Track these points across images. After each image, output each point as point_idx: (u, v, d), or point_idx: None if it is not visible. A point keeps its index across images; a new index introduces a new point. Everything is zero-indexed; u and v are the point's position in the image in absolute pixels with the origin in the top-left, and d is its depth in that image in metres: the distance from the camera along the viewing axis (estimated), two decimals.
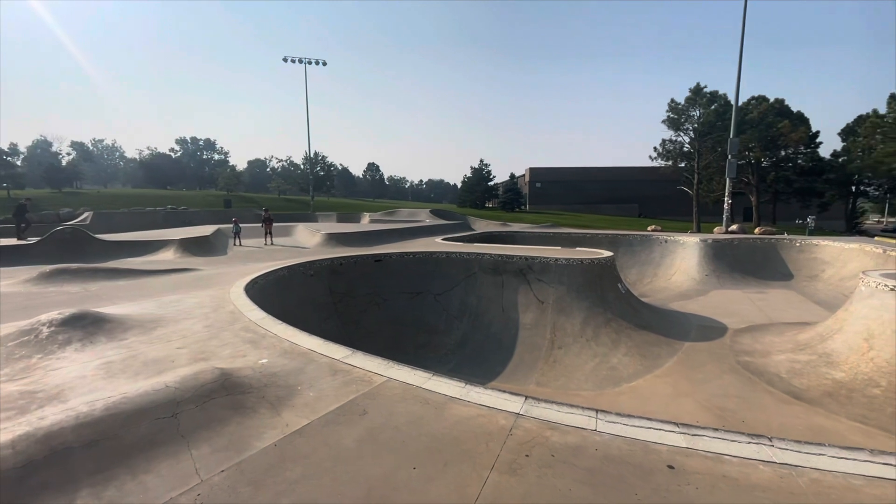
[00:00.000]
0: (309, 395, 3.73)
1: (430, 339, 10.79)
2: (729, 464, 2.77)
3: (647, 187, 58.98)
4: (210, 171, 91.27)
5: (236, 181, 72.81)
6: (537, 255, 11.31)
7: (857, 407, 6.61)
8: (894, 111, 34.67)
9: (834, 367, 7.57)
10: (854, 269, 13.36)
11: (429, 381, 4.02)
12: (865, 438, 5.86)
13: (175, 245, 17.55)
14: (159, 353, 4.70)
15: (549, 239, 20.88)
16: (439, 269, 12.31)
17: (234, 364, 4.33)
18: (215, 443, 3.00)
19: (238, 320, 6.12)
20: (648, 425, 3.24)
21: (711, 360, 8.73)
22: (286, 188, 77.59)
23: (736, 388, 7.55)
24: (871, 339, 7.49)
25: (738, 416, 6.64)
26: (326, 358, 4.60)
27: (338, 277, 11.41)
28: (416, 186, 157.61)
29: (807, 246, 16.81)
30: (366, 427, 3.21)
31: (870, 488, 2.51)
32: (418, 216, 39.17)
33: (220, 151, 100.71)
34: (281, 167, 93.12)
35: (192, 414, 3.27)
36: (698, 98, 40.20)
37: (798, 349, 8.55)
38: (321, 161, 77.03)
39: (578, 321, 10.01)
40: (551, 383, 8.71)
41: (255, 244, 19.91)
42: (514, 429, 3.18)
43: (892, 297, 7.58)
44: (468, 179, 68.67)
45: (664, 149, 43.55)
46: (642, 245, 19.05)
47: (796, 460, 2.79)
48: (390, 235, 21.72)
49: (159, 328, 5.75)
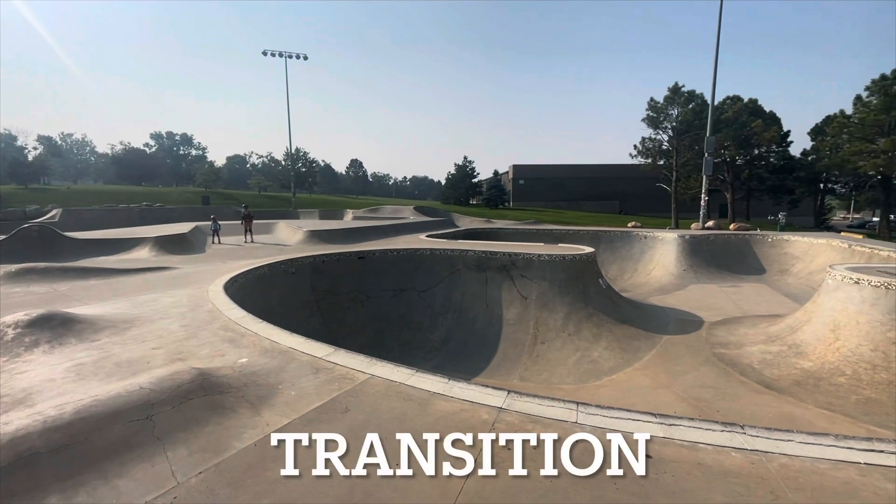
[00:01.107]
0: (290, 394, 3.68)
1: (415, 335, 10.78)
2: (703, 451, 2.86)
3: (627, 184, 60.09)
4: (187, 167, 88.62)
5: (215, 177, 70.92)
6: (520, 252, 11.41)
7: (823, 395, 6.91)
8: (859, 112, 36.17)
9: (803, 358, 7.89)
10: (822, 263, 13.94)
11: (412, 377, 4.01)
12: (831, 424, 6.13)
13: (150, 243, 17.01)
14: (133, 354, 4.56)
15: (532, 235, 21.09)
16: (423, 265, 12.28)
17: (212, 364, 4.23)
18: (193, 444, 2.93)
19: (217, 319, 5.99)
20: (628, 416, 3.32)
21: (689, 352, 8.98)
22: (267, 185, 76.06)
23: (711, 379, 7.79)
24: (837, 330, 7.83)
25: (713, 406, 6.86)
26: (308, 356, 4.54)
27: (320, 275, 11.27)
28: (400, 183, 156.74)
29: (778, 241, 17.45)
30: (348, 424, 3.18)
31: (834, 471, 2.63)
32: (402, 213, 39.02)
33: (198, 147, 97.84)
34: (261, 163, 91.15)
35: (169, 415, 3.19)
36: (676, 97, 41.11)
37: (769, 340, 8.88)
38: (303, 157, 75.74)
39: (561, 316, 10.15)
40: (534, 378, 8.81)
41: (234, 242, 19.48)
42: (497, 423, 3.21)
43: (856, 290, 7.94)
44: (452, 176, 68.64)
45: (644, 147, 44.43)
46: (623, 241, 19.43)
47: (766, 447, 2.90)
48: (374, 232, 21.57)
49: (133, 328, 5.58)
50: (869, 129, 35.08)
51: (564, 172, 65.19)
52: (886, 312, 7.30)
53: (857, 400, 6.66)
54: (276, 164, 78.62)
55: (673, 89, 41.21)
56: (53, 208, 36.19)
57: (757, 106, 43.55)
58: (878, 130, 34.69)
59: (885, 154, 33.69)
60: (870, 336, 7.32)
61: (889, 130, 34.14)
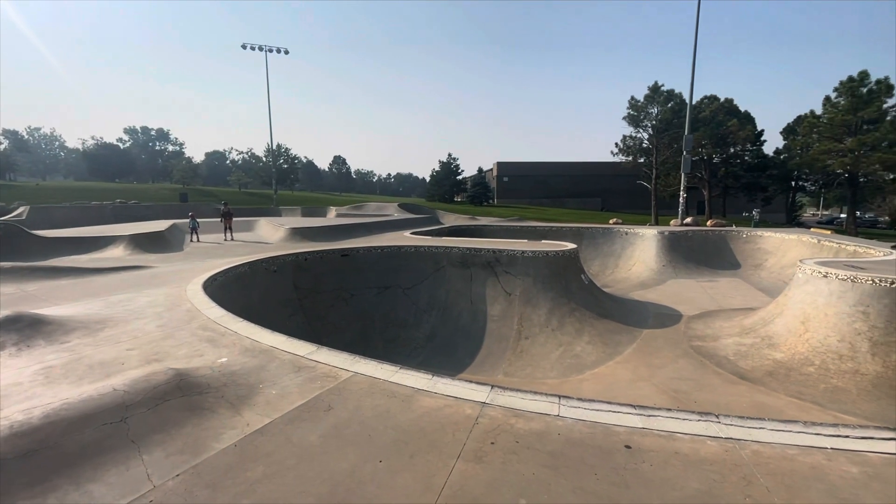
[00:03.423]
0: (271, 393, 3.62)
1: (399, 333, 10.75)
2: (680, 441, 2.94)
3: (609, 182, 61.05)
4: (164, 164, 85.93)
5: (193, 174, 68.98)
6: (505, 248, 11.48)
7: (794, 384, 7.18)
8: (828, 112, 37.58)
9: (775, 349, 8.18)
10: (793, 258, 14.46)
11: (396, 374, 4.00)
12: (800, 412, 6.38)
13: (125, 241, 16.47)
14: (107, 356, 4.41)
15: (516, 232, 21.23)
16: (408, 263, 12.24)
17: (190, 364, 4.13)
18: (170, 446, 2.85)
19: (195, 319, 5.84)
20: (608, 408, 3.38)
21: (667, 345, 9.21)
22: (247, 181, 74.41)
23: (689, 371, 8.01)
24: (807, 322, 8.15)
25: (690, 397, 7.05)
26: (290, 355, 4.48)
27: (303, 273, 11.11)
28: (385, 180, 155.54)
29: (752, 237, 18.02)
30: (331, 423, 3.15)
31: (803, 456, 2.74)
32: (386, 210, 38.77)
33: (175, 142, 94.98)
34: (241, 159, 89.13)
35: (144, 417, 3.10)
36: (656, 96, 41.92)
37: (744, 333, 9.18)
38: (284, 153, 74.38)
39: (544, 311, 10.26)
40: (518, 373, 8.90)
41: (214, 240, 19.02)
42: (481, 417, 3.23)
43: (824, 283, 8.27)
44: (437, 174, 68.53)
45: (625, 145, 45.19)
46: (604, 237, 19.76)
47: (740, 434, 3.00)
48: (357, 230, 21.37)
49: (107, 329, 5.39)
50: (837, 128, 36.49)
51: (548, 170, 65.82)
52: (852, 305, 7.63)
53: (825, 388, 6.94)
54: (256, 160, 77.05)
55: (653, 88, 42.00)
56: (20, 206, 34.62)
57: (732, 106, 44.79)
58: (846, 130, 36.12)
59: (851, 153, 35.13)
60: (837, 327, 7.63)
61: (856, 130, 35.59)
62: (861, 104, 34.69)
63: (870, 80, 34.82)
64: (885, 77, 34.14)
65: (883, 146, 33.63)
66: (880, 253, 11.76)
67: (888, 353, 6.94)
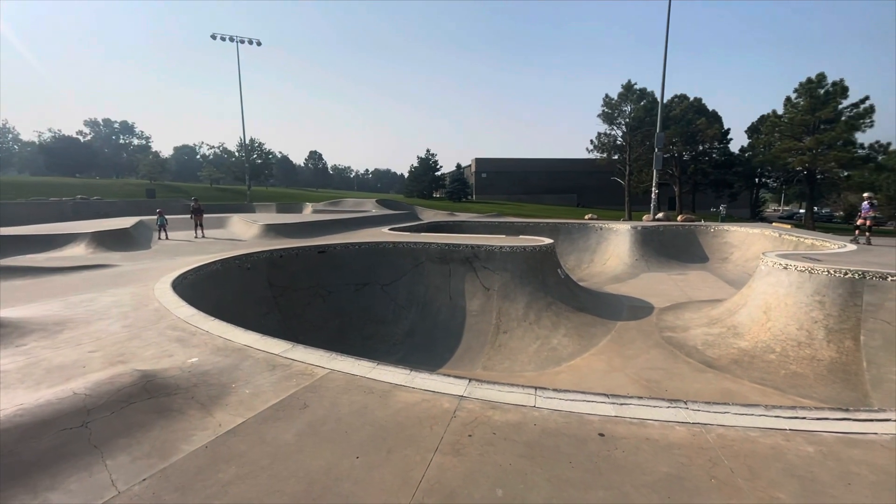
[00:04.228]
0: (244, 393, 3.53)
1: (378, 329, 10.67)
2: (651, 427, 3.04)
3: (584, 178, 62.19)
4: (129, 158, 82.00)
5: (161, 169, 66.12)
6: (483, 244, 11.55)
7: (757, 371, 7.55)
8: (789, 112, 39.43)
9: (739, 338, 8.56)
10: (756, 251, 15.15)
11: (373, 370, 3.97)
12: (763, 397, 6.72)
13: (87, 239, 15.66)
14: (67, 359, 4.20)
15: (494, 228, 21.38)
16: (386, 259, 12.15)
17: (158, 365, 3.98)
18: (136, 450, 2.74)
19: (164, 318, 5.63)
20: (582, 398, 3.46)
21: (640, 336, 9.50)
22: (219, 177, 71.95)
23: (660, 361, 8.29)
24: (769, 312, 8.56)
25: (662, 386, 7.31)
26: (264, 353, 4.38)
27: (278, 270, 10.86)
28: (362, 176, 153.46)
29: (719, 232, 18.76)
30: (307, 421, 3.10)
31: (763, 438, 2.89)
32: (364, 206, 38.30)
33: (141, 136, 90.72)
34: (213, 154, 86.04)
35: (107, 422, 2.96)
36: (629, 94, 42.94)
37: (711, 323, 9.56)
38: (258, 148, 72.22)
39: (522, 306, 10.40)
40: (497, 367, 9.00)
41: (183, 237, 18.34)
42: (458, 411, 3.25)
43: (785, 275, 8.70)
44: (415, 169, 68.15)
45: (600, 142, 46.16)
46: (580, 233, 20.15)
47: (706, 419, 3.13)
48: (334, 226, 21.03)
49: (66, 331, 5.13)
50: (797, 128, 38.32)
51: (525, 166, 66.48)
52: (810, 294, 8.06)
53: (784, 374, 7.33)
54: (229, 155, 74.51)
55: (626, 87, 42.99)
56: None
57: (701, 105, 46.36)
58: (805, 129, 37.97)
59: (810, 151, 36.97)
60: (796, 316, 8.06)
61: (814, 129, 37.46)
62: (818, 105, 36.54)
63: (827, 82, 36.71)
64: (841, 79, 36.08)
65: (838, 145, 35.56)
66: (835, 246, 12.45)
67: (842, 339, 7.38)
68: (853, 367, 7.03)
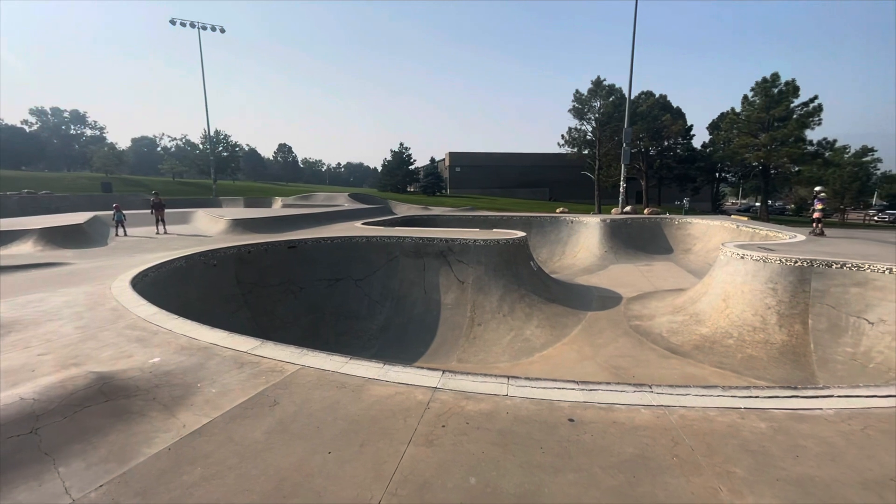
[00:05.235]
0: (210, 392, 3.41)
1: (352, 325, 10.55)
2: (618, 411, 3.15)
3: (556, 173, 63.33)
4: (81, 150, 76.91)
5: (117, 161, 62.39)
6: (457, 238, 11.58)
7: (716, 355, 7.96)
8: (746, 110, 41.46)
9: (701, 325, 8.99)
10: (717, 242, 15.90)
11: (346, 364, 3.92)
12: (721, 380, 7.09)
13: (35, 236, 14.64)
14: (13, 363, 3.92)
15: (468, 222, 21.48)
16: (360, 254, 11.99)
17: (116, 366, 3.78)
18: (91, 456, 2.60)
19: (122, 318, 5.35)
20: (553, 386, 3.54)
21: (609, 326, 9.81)
22: (182, 171, 68.73)
23: (628, 349, 8.61)
24: (728, 299, 9.02)
25: (630, 373, 7.59)
26: (231, 351, 4.24)
27: (246, 266, 10.53)
28: (334, 170, 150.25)
29: (683, 224, 19.57)
30: (277, 418, 3.03)
31: (721, 417, 3.05)
32: (336, 200, 37.60)
33: (94, 126, 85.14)
34: (175, 147, 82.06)
35: (59, 427, 2.80)
36: (599, 90, 43.91)
37: (675, 311, 9.99)
38: (223, 140, 69.45)
39: (496, 298, 10.52)
40: (472, 359, 9.09)
41: (144, 233, 17.44)
42: (432, 402, 3.26)
43: (741, 264, 9.18)
44: (389, 163, 67.34)
45: (570, 136, 47.07)
46: (552, 226, 20.55)
47: (669, 401, 3.27)
48: (305, 220, 20.55)
49: (13, 333, 4.79)
50: (753, 125, 40.35)
51: (498, 161, 66.99)
52: (764, 282, 8.54)
53: (741, 357, 7.76)
54: (192, 147, 71.22)
55: (595, 82, 43.90)
56: None
57: (666, 101, 47.98)
58: (760, 126, 40.04)
59: (765, 147, 39.03)
60: (752, 303, 8.53)
61: (768, 126, 39.54)
62: (773, 103, 38.58)
63: (780, 81, 38.76)
64: (793, 79, 38.18)
65: (790, 142, 37.71)
66: (787, 236, 13.24)
67: (792, 323, 7.88)
68: (802, 349, 7.53)
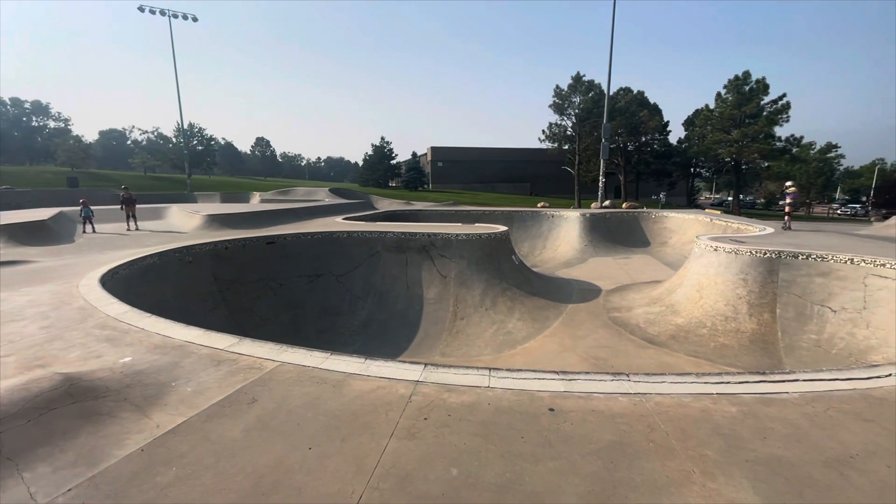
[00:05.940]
0: (186, 391, 3.32)
1: (333, 321, 10.43)
2: (597, 399, 3.22)
3: (537, 168, 63.92)
4: (45, 143, 73.22)
5: (84, 155, 59.69)
6: (439, 232, 11.56)
7: (691, 345, 8.21)
8: (719, 107, 42.74)
9: (676, 315, 9.26)
10: (692, 235, 16.35)
11: (327, 360, 3.88)
12: (695, 368, 7.33)
13: None
14: None
15: (450, 216, 21.47)
16: (341, 249, 11.84)
17: (84, 367, 3.63)
18: (58, 460, 2.50)
19: (91, 317, 5.14)
20: (534, 376, 3.59)
21: (589, 318, 10.00)
22: (155, 165, 66.30)
23: (607, 340, 8.79)
24: (702, 290, 9.31)
25: (608, 363, 7.76)
26: (208, 349, 4.13)
27: (223, 263, 10.26)
28: (314, 164, 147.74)
29: (659, 217, 20.06)
30: (255, 415, 2.98)
31: (694, 403, 3.15)
32: (316, 195, 36.95)
33: (58, 118, 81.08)
34: (146, 140, 78.90)
35: (23, 431, 2.67)
36: (579, 86, 44.42)
37: (652, 303, 10.25)
38: (198, 133, 67.21)
39: (478, 292, 10.57)
40: (455, 352, 9.12)
41: (114, 230, 16.77)
42: (414, 395, 3.26)
43: (715, 256, 9.48)
44: (370, 157, 66.63)
45: (551, 132, 47.54)
46: (533, 220, 20.74)
47: (646, 389, 3.36)
48: (285, 216, 20.13)
49: None
50: (725, 121, 41.62)
51: (480, 155, 67.10)
52: (736, 273, 8.85)
53: (714, 346, 8.03)
54: (165, 141, 68.68)
55: (575, 78, 44.38)
56: None
57: (644, 98, 48.94)
58: (732, 123, 41.32)
59: (736, 143, 40.34)
60: (724, 294, 8.83)
61: (740, 123, 40.84)
62: (744, 100, 39.85)
63: (751, 79, 40.03)
64: (763, 77, 39.50)
65: (760, 138, 39.09)
66: (757, 229, 13.73)
67: (761, 313, 8.20)
68: (770, 337, 7.85)
